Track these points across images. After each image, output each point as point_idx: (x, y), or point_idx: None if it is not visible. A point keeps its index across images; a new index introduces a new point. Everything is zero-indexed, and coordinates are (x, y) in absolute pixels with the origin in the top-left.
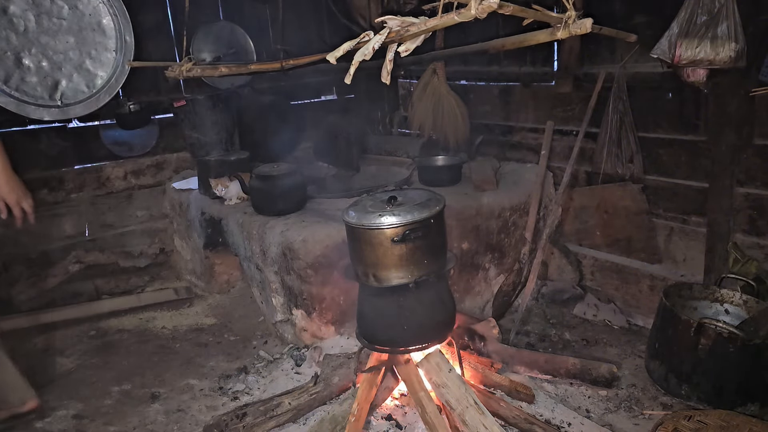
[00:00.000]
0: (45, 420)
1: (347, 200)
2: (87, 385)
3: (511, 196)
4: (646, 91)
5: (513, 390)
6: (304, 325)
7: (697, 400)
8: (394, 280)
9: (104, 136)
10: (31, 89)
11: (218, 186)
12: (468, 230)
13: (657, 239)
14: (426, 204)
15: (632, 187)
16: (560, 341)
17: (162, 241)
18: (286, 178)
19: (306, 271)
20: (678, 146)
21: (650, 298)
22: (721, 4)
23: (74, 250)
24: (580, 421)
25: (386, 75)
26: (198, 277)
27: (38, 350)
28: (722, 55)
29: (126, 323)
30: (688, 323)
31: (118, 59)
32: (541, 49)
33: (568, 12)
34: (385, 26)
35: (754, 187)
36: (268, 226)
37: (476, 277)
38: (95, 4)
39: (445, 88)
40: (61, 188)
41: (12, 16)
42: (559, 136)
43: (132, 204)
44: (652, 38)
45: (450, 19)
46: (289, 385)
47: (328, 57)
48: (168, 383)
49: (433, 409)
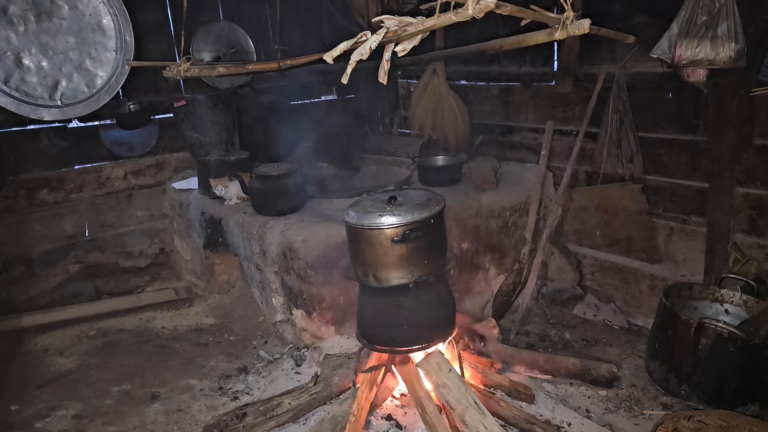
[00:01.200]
0: (45, 420)
1: (347, 200)
2: (87, 385)
3: (511, 196)
4: (646, 91)
5: (513, 390)
6: (304, 325)
7: (697, 400)
8: (394, 280)
9: (104, 136)
10: (31, 89)
11: (218, 186)
12: (468, 230)
13: (657, 239)
14: (426, 204)
15: (632, 187)
16: (560, 341)
17: (162, 241)
18: (286, 178)
19: (306, 271)
20: (678, 146)
21: (650, 298)
22: (721, 4)
23: (74, 250)
24: (580, 421)
25: (383, 75)
26: (198, 277)
27: (38, 350)
28: (722, 55)
29: (126, 323)
30: (688, 323)
31: (118, 59)
32: (541, 49)
33: (566, 12)
34: (383, 26)
35: (754, 187)
36: (268, 226)
37: (476, 277)
38: (95, 4)
39: (445, 88)
40: (61, 188)
41: (12, 16)
42: (559, 136)
43: (132, 204)
44: (652, 38)
45: (447, 19)
46: (289, 385)
47: (325, 57)
48: (168, 383)
49: (433, 409)
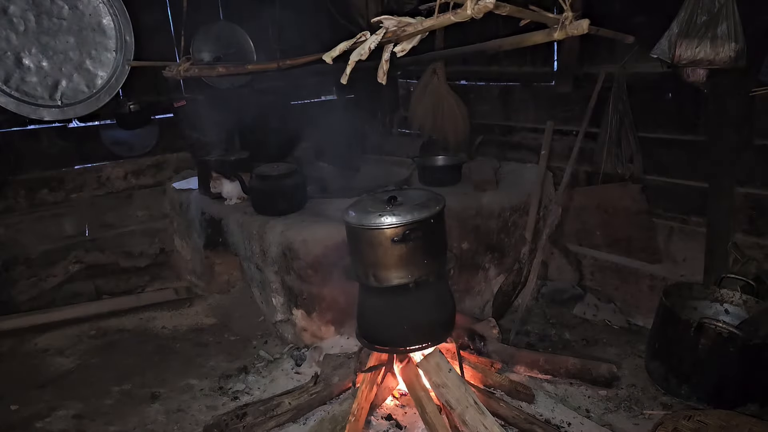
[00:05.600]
0: (45, 420)
1: (347, 200)
2: (87, 385)
3: (511, 196)
4: (646, 91)
5: (513, 390)
6: (304, 325)
7: (697, 400)
8: (394, 280)
9: (104, 136)
10: (31, 89)
11: (212, 183)
12: (468, 230)
13: (657, 239)
14: (426, 204)
15: (632, 187)
16: (560, 341)
17: (162, 241)
18: (286, 178)
19: (306, 271)
20: (678, 146)
21: (650, 298)
22: (721, 4)
23: (74, 250)
24: (580, 421)
25: (382, 75)
26: (198, 277)
27: (38, 350)
28: (722, 55)
29: (126, 323)
30: (688, 323)
31: (118, 59)
32: (541, 49)
33: (565, 13)
34: (382, 26)
35: (754, 187)
36: (268, 226)
37: (476, 277)
38: (95, 4)
39: (445, 88)
40: (61, 188)
41: (12, 16)
42: (559, 136)
43: (132, 204)
44: (652, 38)
45: (447, 20)
46: (289, 385)
47: (324, 57)
48: (168, 383)
49: (433, 409)
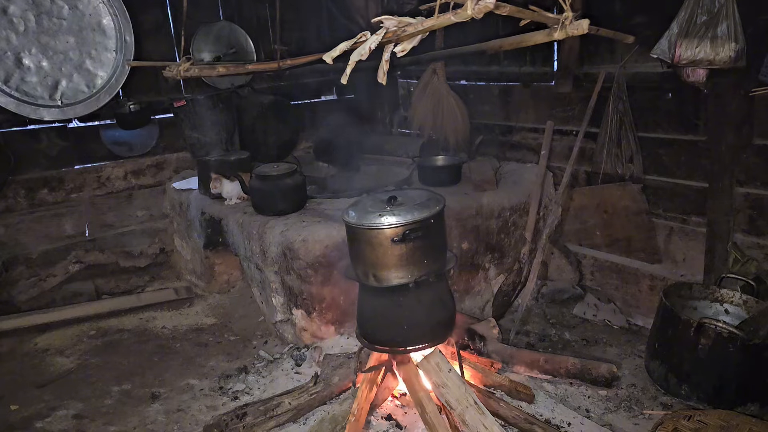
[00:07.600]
0: (45, 420)
1: (347, 200)
2: (87, 385)
3: (511, 196)
4: (646, 91)
5: (513, 390)
6: (304, 325)
7: (697, 400)
8: (394, 280)
9: (104, 136)
10: (31, 89)
11: (212, 183)
12: (468, 230)
13: (657, 239)
14: (426, 204)
15: (632, 187)
16: (560, 341)
17: (162, 241)
18: (286, 178)
19: (306, 271)
20: (678, 146)
21: (650, 298)
22: (721, 4)
23: (74, 250)
24: (579, 421)
25: (382, 75)
26: (198, 277)
27: (38, 350)
28: (722, 55)
29: (126, 323)
30: (688, 323)
31: (118, 59)
32: (541, 49)
33: (566, 13)
34: (382, 26)
35: (754, 187)
36: (268, 226)
37: (476, 277)
38: (95, 4)
39: (445, 88)
40: (61, 188)
41: (12, 16)
42: (559, 136)
43: (132, 204)
44: (651, 38)
45: (447, 20)
46: (289, 385)
47: (324, 57)
48: (168, 383)
49: (433, 409)
